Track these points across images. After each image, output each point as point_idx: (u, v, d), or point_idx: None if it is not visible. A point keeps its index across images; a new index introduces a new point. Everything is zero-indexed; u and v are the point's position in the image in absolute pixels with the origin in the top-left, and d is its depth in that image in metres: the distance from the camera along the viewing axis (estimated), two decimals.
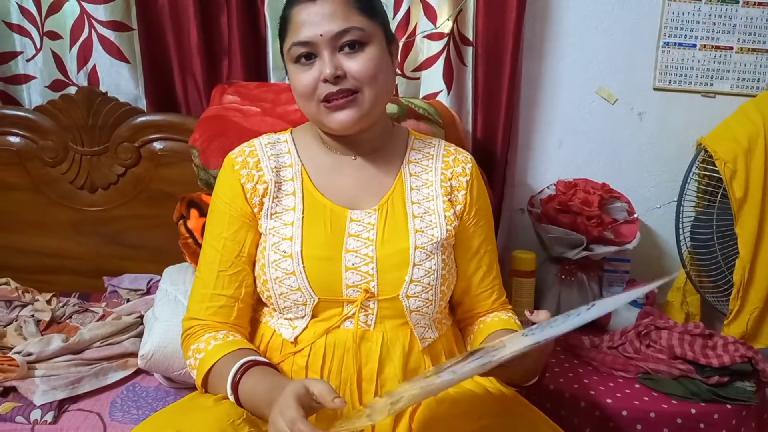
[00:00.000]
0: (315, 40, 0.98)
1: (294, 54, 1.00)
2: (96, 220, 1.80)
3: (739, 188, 1.69)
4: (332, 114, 0.99)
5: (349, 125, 1.00)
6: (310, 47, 0.98)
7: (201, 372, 0.98)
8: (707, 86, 1.91)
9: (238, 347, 0.99)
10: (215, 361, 0.96)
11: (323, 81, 0.98)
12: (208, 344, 0.99)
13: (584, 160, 1.96)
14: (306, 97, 1.01)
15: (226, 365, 0.95)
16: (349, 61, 0.98)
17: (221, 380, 0.94)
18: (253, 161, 1.06)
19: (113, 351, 1.42)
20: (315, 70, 0.99)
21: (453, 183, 1.09)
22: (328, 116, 1.00)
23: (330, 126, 1.01)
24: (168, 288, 1.49)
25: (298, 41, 0.98)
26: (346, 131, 1.02)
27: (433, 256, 1.04)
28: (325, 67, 0.97)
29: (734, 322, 1.74)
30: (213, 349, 0.98)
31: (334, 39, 0.98)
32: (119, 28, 1.77)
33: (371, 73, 0.99)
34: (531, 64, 1.90)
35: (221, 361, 0.96)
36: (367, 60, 0.99)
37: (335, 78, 0.97)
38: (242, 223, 1.05)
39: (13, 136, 1.77)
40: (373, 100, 1.00)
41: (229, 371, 0.93)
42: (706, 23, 1.87)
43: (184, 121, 1.76)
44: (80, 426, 1.23)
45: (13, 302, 1.66)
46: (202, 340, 1.00)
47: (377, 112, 1.04)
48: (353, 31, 0.98)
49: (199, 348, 1.00)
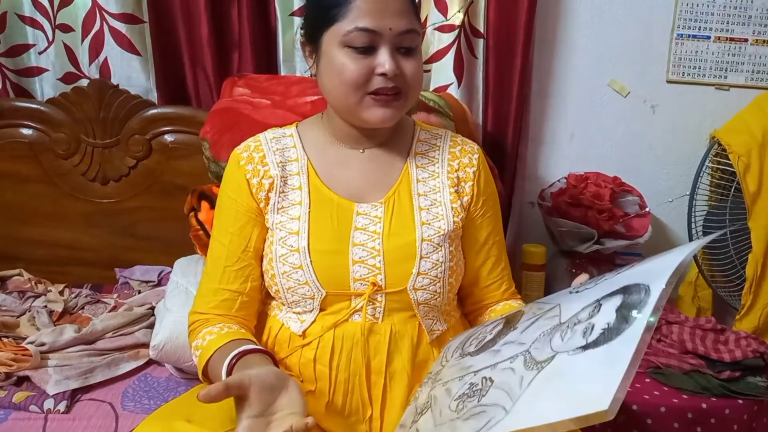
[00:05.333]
0: (383, 31, 0.96)
1: (352, 39, 0.96)
2: (108, 212, 1.82)
3: (752, 182, 1.67)
4: (376, 108, 0.99)
5: (387, 122, 1.01)
6: (374, 37, 0.96)
7: (200, 366, 0.99)
8: (721, 79, 1.89)
9: (231, 339, 0.98)
10: (210, 355, 0.97)
11: (379, 74, 0.97)
12: (204, 340, 1.00)
13: (596, 154, 1.95)
14: (354, 86, 0.98)
15: (219, 359, 0.95)
16: (405, 62, 0.98)
17: (217, 374, 0.95)
18: (259, 156, 1.06)
19: (125, 342, 1.44)
20: (371, 60, 0.96)
21: (460, 174, 1.09)
22: (371, 109, 0.99)
23: (368, 119, 1.00)
24: (179, 279, 1.50)
25: (365, 27, 0.95)
26: (381, 125, 1.02)
27: (440, 248, 1.03)
28: (387, 62, 0.96)
29: (746, 317, 1.73)
30: (208, 344, 0.98)
31: (399, 37, 0.97)
32: (131, 20, 1.78)
33: (419, 79, 1.01)
34: (542, 56, 1.89)
35: (215, 355, 0.96)
36: (418, 65, 1.00)
37: (394, 75, 0.97)
38: (248, 218, 1.05)
39: (25, 128, 1.78)
40: (409, 104, 1.03)
41: (222, 364, 0.93)
42: (721, 15, 1.85)
43: (195, 113, 1.77)
44: (93, 415, 1.25)
45: (26, 293, 1.68)
46: (199, 337, 1.01)
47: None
48: (414, 34, 0.98)
49: (197, 345, 1.01)
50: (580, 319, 0.74)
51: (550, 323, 0.78)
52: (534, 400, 0.68)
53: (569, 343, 0.71)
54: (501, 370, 0.77)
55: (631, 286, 0.72)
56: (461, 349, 0.92)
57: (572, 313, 0.76)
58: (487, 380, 0.77)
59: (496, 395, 0.73)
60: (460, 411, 0.76)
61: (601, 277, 0.83)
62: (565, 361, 0.70)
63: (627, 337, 0.65)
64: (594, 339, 0.68)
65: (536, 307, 0.88)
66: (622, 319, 0.68)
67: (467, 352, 0.89)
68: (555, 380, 0.69)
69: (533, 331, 0.80)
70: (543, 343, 0.75)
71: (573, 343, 0.71)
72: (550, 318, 0.79)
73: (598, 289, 0.78)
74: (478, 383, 0.78)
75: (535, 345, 0.76)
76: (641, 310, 0.66)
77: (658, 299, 0.66)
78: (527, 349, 0.76)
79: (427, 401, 0.87)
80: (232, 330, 1.01)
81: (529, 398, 0.69)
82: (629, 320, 0.67)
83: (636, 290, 0.70)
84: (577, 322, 0.73)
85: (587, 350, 0.68)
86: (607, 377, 0.62)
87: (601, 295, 0.75)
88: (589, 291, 0.80)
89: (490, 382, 0.77)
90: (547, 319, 0.79)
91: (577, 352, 0.69)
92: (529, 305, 0.93)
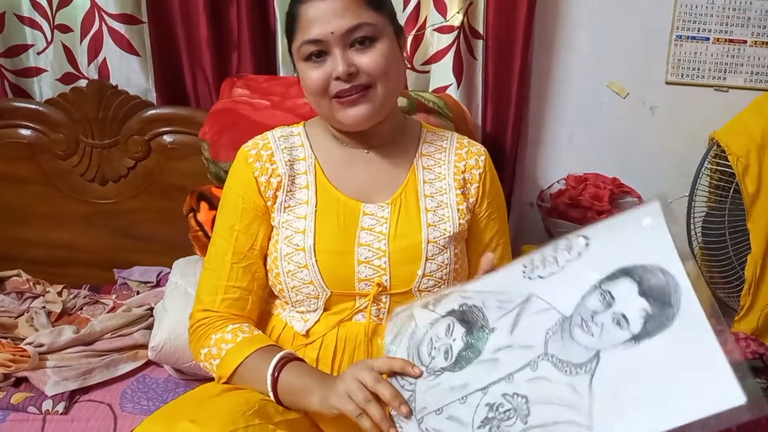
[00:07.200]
0: (326, 38, 0.96)
1: (304, 52, 0.98)
2: (107, 213, 1.81)
3: (751, 183, 1.67)
4: (345, 110, 0.99)
5: (363, 120, 1.00)
6: (321, 45, 0.97)
7: (229, 363, 0.98)
8: (720, 80, 1.89)
9: (267, 343, 1.00)
10: (248, 353, 0.97)
11: (335, 78, 0.97)
12: (236, 336, 0.99)
13: (595, 155, 1.95)
14: (318, 95, 0.99)
15: (260, 359, 0.95)
16: (361, 57, 0.98)
17: (255, 373, 0.95)
18: (267, 154, 1.06)
19: (124, 342, 1.44)
20: (327, 66, 0.97)
21: (466, 176, 1.09)
22: (342, 112, 0.99)
23: (343, 122, 1.00)
24: (178, 280, 1.50)
25: (309, 39, 0.97)
26: (359, 127, 1.01)
27: (446, 250, 1.03)
28: (338, 65, 0.96)
29: (745, 318, 1.73)
30: (243, 342, 0.98)
31: (345, 36, 0.97)
32: (129, 21, 1.77)
33: (383, 68, 0.98)
34: (542, 57, 1.89)
35: (254, 354, 0.96)
36: (378, 55, 0.98)
37: (348, 75, 0.96)
38: (255, 216, 1.05)
39: (24, 129, 1.78)
40: (385, 95, 1.00)
41: (266, 365, 0.94)
42: (720, 16, 1.85)
43: (194, 114, 1.77)
44: (91, 416, 1.24)
45: (25, 294, 1.67)
46: (228, 332, 1.00)
47: (389, 106, 1.04)
48: (364, 27, 0.97)
49: (225, 339, 1.00)
50: (595, 310, 0.71)
51: (549, 318, 0.73)
52: (619, 408, 0.66)
53: (606, 338, 0.69)
54: (526, 381, 0.72)
55: (633, 268, 0.70)
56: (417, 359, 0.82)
57: (570, 303, 0.72)
58: (514, 397, 0.72)
59: (549, 411, 0.69)
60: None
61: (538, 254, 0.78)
62: (619, 357, 0.67)
63: (689, 322, 0.65)
64: (640, 330, 0.67)
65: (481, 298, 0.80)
66: (660, 305, 0.67)
67: (436, 368, 0.80)
68: (629, 380, 0.66)
69: (530, 330, 0.74)
70: (564, 343, 0.71)
71: (613, 337, 0.68)
72: (541, 312, 0.74)
73: (572, 270, 0.74)
74: (502, 403, 0.73)
75: (552, 347, 0.72)
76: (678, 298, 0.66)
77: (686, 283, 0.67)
78: (545, 353, 0.72)
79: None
80: (263, 334, 1.03)
81: (607, 405, 0.66)
82: (673, 304, 0.66)
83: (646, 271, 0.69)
84: (593, 313, 0.71)
85: (641, 341, 0.67)
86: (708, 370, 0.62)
87: (596, 279, 0.72)
88: (556, 276, 0.75)
89: (522, 399, 0.72)
90: (538, 314, 0.74)
91: (628, 345, 0.67)
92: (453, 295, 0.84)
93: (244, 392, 0.95)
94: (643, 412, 0.65)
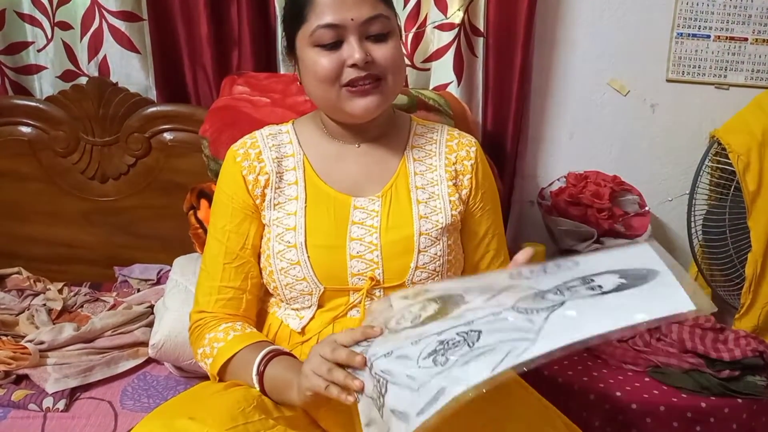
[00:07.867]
0: (345, 24, 0.96)
1: (319, 37, 0.97)
2: (107, 211, 1.81)
3: (752, 181, 1.67)
4: (356, 99, 0.98)
5: (372, 111, 1.00)
6: (338, 31, 0.96)
7: (219, 361, 0.98)
8: (721, 78, 1.89)
9: (259, 339, 1.00)
10: (237, 350, 0.97)
11: (350, 66, 0.97)
12: (227, 335, 1.00)
13: (595, 153, 1.95)
14: (328, 82, 0.98)
15: (249, 355, 0.96)
16: (376, 49, 0.98)
17: (244, 369, 0.95)
18: (255, 153, 1.06)
19: (124, 340, 1.44)
20: (340, 54, 0.97)
21: (458, 167, 1.09)
22: (351, 101, 0.99)
23: (351, 111, 1.00)
24: (178, 278, 1.50)
25: (326, 23, 0.96)
26: (366, 117, 1.01)
27: (438, 242, 1.03)
28: (355, 52, 0.96)
29: (746, 316, 1.73)
30: (233, 340, 0.99)
31: (364, 25, 0.97)
32: (130, 18, 1.77)
33: (398, 62, 1.00)
34: (542, 55, 1.89)
35: (244, 350, 0.97)
36: (392, 48, 0.99)
37: (365, 63, 0.96)
38: (245, 215, 1.05)
39: (24, 126, 1.78)
40: (394, 89, 1.02)
41: (253, 360, 0.94)
42: (721, 14, 1.85)
43: (194, 111, 1.76)
44: (92, 414, 1.25)
45: (25, 291, 1.67)
46: (220, 330, 1.01)
47: (393, 100, 1.05)
48: (381, 19, 0.98)
49: (217, 338, 1.00)
50: (573, 285, 0.73)
51: (524, 292, 0.74)
52: (572, 321, 0.68)
53: (576, 294, 0.71)
54: (485, 323, 0.71)
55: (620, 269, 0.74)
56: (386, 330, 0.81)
57: (551, 285, 0.74)
58: (469, 334, 0.70)
59: (498, 336, 0.69)
60: (445, 363, 0.68)
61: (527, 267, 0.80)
62: (583, 301, 0.70)
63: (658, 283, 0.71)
64: (612, 288, 0.71)
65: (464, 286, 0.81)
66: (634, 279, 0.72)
67: (399, 329, 0.78)
68: (587, 310, 0.69)
69: (504, 299, 0.74)
70: (532, 300, 0.72)
71: (582, 293, 0.71)
72: (520, 290, 0.75)
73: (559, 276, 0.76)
74: (454, 338, 0.71)
75: (520, 303, 0.72)
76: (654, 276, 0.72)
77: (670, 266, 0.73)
78: (513, 306, 0.72)
79: (378, 381, 0.75)
80: (254, 331, 1.03)
81: (558, 325, 0.68)
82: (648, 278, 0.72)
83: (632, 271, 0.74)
84: (570, 286, 0.73)
85: (608, 294, 0.70)
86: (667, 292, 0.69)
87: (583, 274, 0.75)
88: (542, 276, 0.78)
89: (475, 333, 0.70)
90: (517, 291, 0.75)
91: (595, 296, 0.70)
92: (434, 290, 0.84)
93: (242, 389, 0.95)
94: (594, 322, 0.68)
